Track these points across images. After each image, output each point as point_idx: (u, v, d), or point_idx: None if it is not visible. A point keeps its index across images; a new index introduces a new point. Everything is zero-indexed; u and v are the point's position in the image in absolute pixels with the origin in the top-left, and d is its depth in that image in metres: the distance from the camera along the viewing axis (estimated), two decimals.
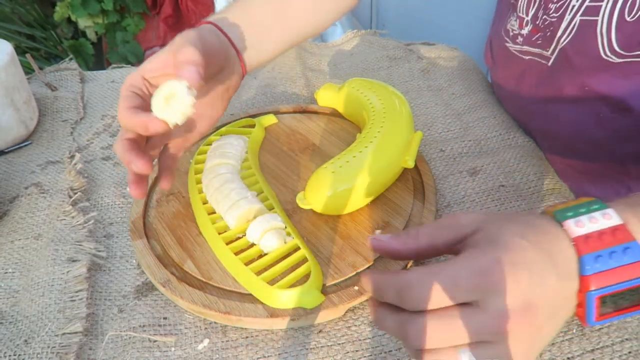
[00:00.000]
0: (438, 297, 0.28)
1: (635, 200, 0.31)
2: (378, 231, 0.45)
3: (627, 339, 0.37)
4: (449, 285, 0.28)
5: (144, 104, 0.41)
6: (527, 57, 0.56)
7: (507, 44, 0.58)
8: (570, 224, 0.30)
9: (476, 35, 1.49)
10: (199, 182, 0.49)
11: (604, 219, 0.30)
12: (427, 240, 0.32)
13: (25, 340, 0.38)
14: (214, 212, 0.46)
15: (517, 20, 0.56)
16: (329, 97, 0.62)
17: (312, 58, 0.78)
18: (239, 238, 0.44)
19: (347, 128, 0.59)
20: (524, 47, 0.56)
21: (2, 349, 0.37)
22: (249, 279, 0.40)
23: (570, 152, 0.56)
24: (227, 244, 0.43)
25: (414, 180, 0.50)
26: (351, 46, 0.81)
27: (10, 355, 0.37)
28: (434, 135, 0.60)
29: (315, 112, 0.63)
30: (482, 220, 0.31)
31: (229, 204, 0.44)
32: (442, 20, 1.56)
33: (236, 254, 0.42)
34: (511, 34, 0.58)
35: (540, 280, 0.28)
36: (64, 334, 0.38)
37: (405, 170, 0.51)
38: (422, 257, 0.34)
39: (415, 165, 0.51)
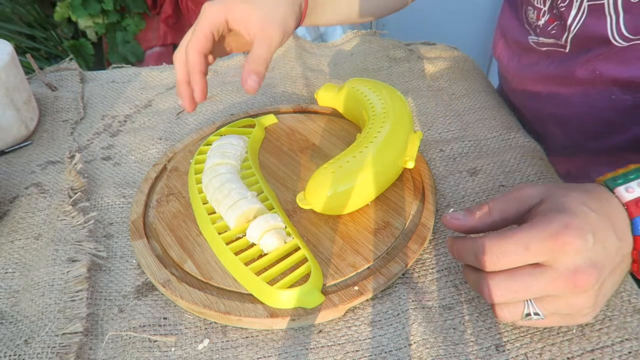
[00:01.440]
0: (511, 260, 0.32)
1: None
2: (451, 210, 0.46)
3: (627, 339, 0.37)
4: (521, 249, 0.32)
5: (212, 48, 0.48)
6: (544, 49, 0.57)
7: (530, 37, 0.59)
8: (621, 190, 0.34)
9: (476, 35, 1.49)
10: (199, 182, 0.49)
11: None
12: (499, 214, 0.36)
13: (26, 340, 0.38)
14: (214, 212, 0.46)
15: (535, 12, 0.57)
16: (329, 97, 0.62)
17: (312, 58, 0.78)
18: (238, 238, 0.44)
19: (347, 128, 0.59)
20: (540, 38, 0.57)
21: (2, 349, 0.37)
22: (249, 279, 0.40)
23: (584, 134, 0.58)
24: (227, 244, 0.43)
25: (414, 180, 0.50)
26: (351, 46, 0.81)
27: (10, 355, 0.37)
28: (434, 135, 0.60)
29: (315, 112, 0.63)
30: (547, 191, 0.35)
31: (229, 203, 0.44)
32: (442, 20, 1.56)
33: (236, 254, 0.42)
34: (533, 25, 0.58)
35: (603, 241, 0.32)
36: (64, 334, 0.38)
37: (405, 170, 0.51)
38: (495, 229, 0.37)
39: (415, 165, 0.51)
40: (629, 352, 0.36)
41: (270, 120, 0.60)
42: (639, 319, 0.38)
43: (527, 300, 0.34)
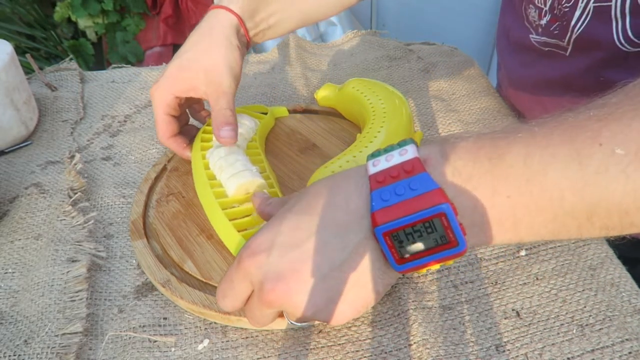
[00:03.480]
0: (231, 299, 0.34)
1: (484, 135, 0.30)
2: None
3: (627, 339, 0.37)
4: (229, 286, 0.34)
5: (179, 126, 0.52)
6: (546, 49, 0.56)
7: (531, 35, 0.58)
8: (369, 164, 0.31)
9: (476, 35, 1.49)
10: (204, 149, 0.50)
11: (399, 156, 0.30)
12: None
13: (25, 341, 0.38)
14: (214, 179, 0.47)
15: (537, 11, 0.56)
16: (329, 97, 0.62)
17: (312, 58, 0.78)
18: (234, 207, 0.44)
19: (347, 128, 0.59)
20: (542, 38, 0.56)
21: (2, 349, 0.37)
22: (241, 246, 0.40)
23: None
24: (223, 209, 0.43)
25: None
26: (351, 46, 0.81)
27: (10, 356, 0.37)
28: (434, 135, 0.60)
29: (315, 112, 0.62)
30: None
31: (233, 172, 0.45)
32: (442, 20, 1.56)
33: (230, 220, 0.42)
34: (534, 24, 0.58)
35: (295, 246, 0.31)
36: (64, 334, 0.38)
37: None
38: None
39: None
40: (629, 352, 0.36)
41: (281, 112, 0.61)
42: (639, 319, 0.38)
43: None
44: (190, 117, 0.56)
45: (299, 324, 0.35)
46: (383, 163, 0.30)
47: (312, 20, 0.57)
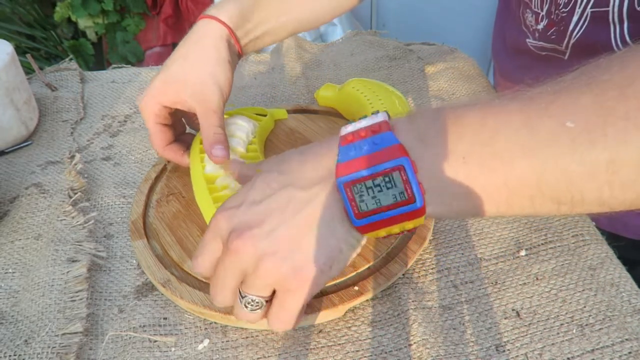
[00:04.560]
0: (206, 257, 0.35)
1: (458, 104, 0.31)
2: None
3: (627, 339, 0.37)
4: (206, 240, 0.35)
5: (173, 134, 0.51)
6: (544, 53, 0.56)
7: (528, 40, 0.58)
8: (342, 128, 0.32)
9: (476, 35, 1.49)
10: (202, 152, 0.49)
11: (369, 119, 0.31)
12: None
13: (26, 341, 0.38)
14: (212, 184, 0.47)
15: (534, 16, 0.56)
16: (329, 97, 0.62)
17: (312, 58, 0.78)
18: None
19: None
20: (540, 42, 0.56)
21: (2, 349, 0.37)
22: None
23: None
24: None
25: None
26: (351, 46, 0.81)
27: (10, 355, 0.37)
28: None
29: (315, 112, 0.62)
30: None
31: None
32: (442, 20, 1.56)
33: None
34: (531, 29, 0.58)
35: (268, 196, 0.32)
36: (64, 334, 0.38)
37: None
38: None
39: None
40: (629, 352, 0.36)
41: (281, 114, 0.61)
42: (639, 319, 0.38)
43: (239, 292, 0.33)
44: (186, 127, 0.55)
45: (252, 296, 0.33)
46: (354, 125, 0.32)
47: (304, 28, 0.57)
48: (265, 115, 0.58)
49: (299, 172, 0.32)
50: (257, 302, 0.33)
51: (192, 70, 0.47)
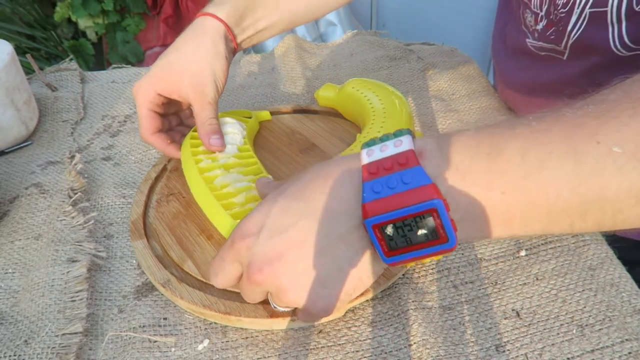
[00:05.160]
0: (223, 276, 0.36)
1: (484, 130, 0.30)
2: None
3: (627, 340, 0.37)
4: (219, 264, 0.35)
5: (162, 123, 0.51)
6: (543, 53, 0.56)
7: (527, 40, 0.58)
8: (363, 153, 0.30)
9: (476, 35, 1.49)
10: (194, 137, 0.50)
11: (394, 147, 0.30)
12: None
13: (25, 341, 0.38)
14: (206, 173, 0.47)
15: (533, 16, 0.56)
16: (328, 97, 0.62)
17: (312, 58, 0.78)
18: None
19: (347, 128, 0.59)
20: (539, 42, 0.56)
21: (2, 349, 0.37)
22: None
23: None
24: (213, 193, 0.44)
25: None
26: (351, 46, 0.81)
27: (10, 356, 0.37)
28: (434, 135, 0.60)
29: (315, 112, 0.62)
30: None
31: (242, 184, 0.46)
32: (442, 20, 1.56)
33: (220, 202, 0.43)
34: (531, 29, 0.58)
35: (283, 229, 0.31)
36: (64, 334, 0.38)
37: None
38: None
39: None
40: (629, 353, 0.36)
41: (265, 116, 0.61)
42: (639, 319, 0.38)
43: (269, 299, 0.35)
44: (181, 120, 0.56)
45: (282, 308, 0.35)
46: (377, 153, 0.30)
47: (300, 23, 0.57)
48: (250, 117, 0.59)
49: (319, 202, 0.31)
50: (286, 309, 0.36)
51: (190, 61, 0.48)
